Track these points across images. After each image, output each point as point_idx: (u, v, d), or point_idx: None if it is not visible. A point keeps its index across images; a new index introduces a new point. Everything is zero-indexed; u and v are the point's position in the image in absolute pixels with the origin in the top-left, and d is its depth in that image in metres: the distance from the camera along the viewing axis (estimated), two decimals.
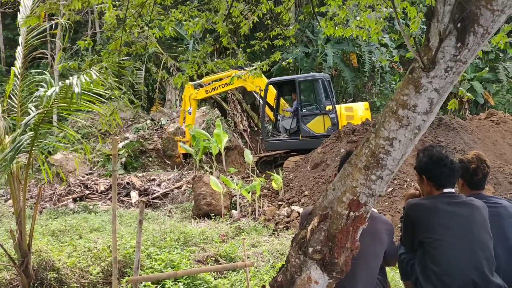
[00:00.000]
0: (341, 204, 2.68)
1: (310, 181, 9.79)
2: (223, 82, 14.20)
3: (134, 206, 11.33)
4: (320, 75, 13.84)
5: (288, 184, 10.19)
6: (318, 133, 12.70)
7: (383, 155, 2.58)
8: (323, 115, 12.82)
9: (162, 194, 11.95)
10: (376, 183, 2.62)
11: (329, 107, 12.86)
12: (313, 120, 12.98)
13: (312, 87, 14.12)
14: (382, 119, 2.63)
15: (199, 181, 9.88)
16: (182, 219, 9.40)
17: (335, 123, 12.51)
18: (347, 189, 2.66)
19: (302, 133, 12.95)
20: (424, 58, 2.53)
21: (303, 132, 12.93)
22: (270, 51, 11.19)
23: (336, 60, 19.98)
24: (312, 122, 12.99)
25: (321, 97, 13.17)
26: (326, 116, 12.77)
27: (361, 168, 2.62)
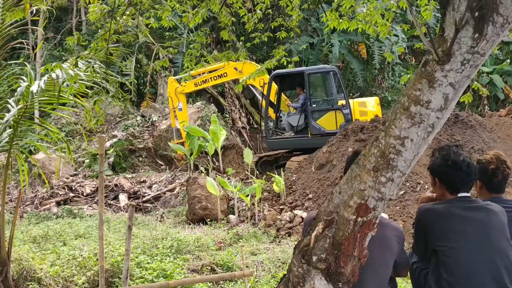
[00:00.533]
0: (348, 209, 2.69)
1: (314, 183, 9.79)
2: (215, 74, 14.11)
3: (123, 210, 11.33)
4: (331, 67, 13.86)
5: (290, 186, 10.20)
6: (330, 130, 12.68)
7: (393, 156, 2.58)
8: (335, 110, 12.82)
9: (153, 197, 11.95)
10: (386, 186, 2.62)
11: (341, 102, 12.87)
12: (323, 116, 12.99)
13: (323, 81, 14.11)
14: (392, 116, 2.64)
15: (193, 183, 9.88)
16: (175, 225, 9.41)
17: (349, 119, 12.52)
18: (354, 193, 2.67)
19: (312, 130, 12.95)
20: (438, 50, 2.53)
21: (313, 129, 12.93)
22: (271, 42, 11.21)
23: (343, 51, 19.99)
24: (323, 118, 12.99)
25: (333, 91, 13.18)
26: (339, 112, 12.77)
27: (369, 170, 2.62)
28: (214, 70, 14.05)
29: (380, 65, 20.13)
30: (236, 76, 14.22)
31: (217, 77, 14.24)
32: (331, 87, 13.19)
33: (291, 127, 13.79)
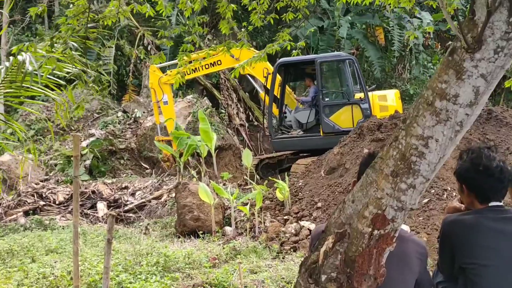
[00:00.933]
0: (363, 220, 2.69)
1: (324, 190, 9.80)
2: (207, 62, 13.99)
3: (102, 221, 11.34)
4: (347, 55, 13.85)
5: (296, 193, 10.21)
6: (345, 127, 12.65)
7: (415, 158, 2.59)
8: (351, 105, 12.81)
9: (136, 206, 11.97)
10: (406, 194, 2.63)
11: (359, 95, 12.88)
12: (338, 112, 12.99)
13: (337, 70, 14.11)
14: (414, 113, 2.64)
15: (183, 189, 9.89)
16: (162, 238, 9.41)
17: (368, 115, 12.48)
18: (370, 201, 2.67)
19: (324, 128, 12.92)
20: (467, 36, 2.54)
21: (325, 127, 12.91)
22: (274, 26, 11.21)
23: (357, 36, 20.00)
24: (337, 114, 12.98)
25: (349, 83, 13.18)
26: (356, 107, 12.76)
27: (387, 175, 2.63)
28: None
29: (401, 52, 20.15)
30: (232, 64, 14.18)
31: (209, 65, 14.12)
32: (347, 77, 13.19)
33: (299, 125, 13.77)
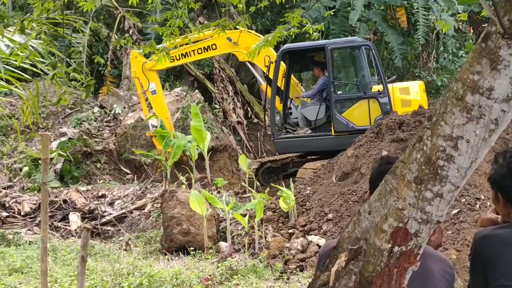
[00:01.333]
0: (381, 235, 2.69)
1: (336, 199, 9.81)
2: (200, 46, 13.89)
3: (75, 235, 11.35)
4: (363, 40, 13.85)
5: (303, 203, 10.22)
6: (361, 126, 12.65)
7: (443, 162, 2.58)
8: (368, 99, 12.81)
9: (115, 218, 11.97)
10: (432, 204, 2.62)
11: (377, 88, 12.88)
12: (352, 107, 13.00)
13: (351, 58, 14.11)
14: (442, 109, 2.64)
15: (171, 198, 9.89)
16: (146, 255, 9.41)
17: (388, 110, 12.46)
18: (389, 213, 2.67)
19: (336, 126, 12.93)
20: (504, 19, 2.54)
21: (337, 125, 12.91)
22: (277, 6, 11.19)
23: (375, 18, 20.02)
24: (351, 109, 12.99)
25: (366, 73, 13.18)
26: (373, 101, 12.76)
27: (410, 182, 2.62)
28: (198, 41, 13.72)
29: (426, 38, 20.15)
30: (229, 49, 14.14)
31: (202, 49, 14.01)
32: (363, 67, 13.19)
33: (307, 122, 13.78)
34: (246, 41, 13.49)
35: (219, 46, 13.98)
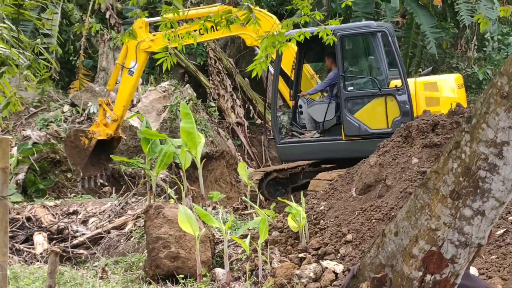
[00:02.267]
0: (410, 261, 2.69)
1: (356, 217, 9.80)
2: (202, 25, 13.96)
3: (41, 260, 11.35)
4: (380, 25, 13.83)
5: (317, 221, 10.21)
6: (376, 129, 12.71)
7: (485, 173, 2.58)
8: (384, 96, 12.83)
9: (90, 239, 11.96)
10: (472, 223, 2.62)
11: (395, 83, 12.89)
12: (366, 106, 13.02)
13: (365, 47, 14.10)
14: (483, 109, 2.64)
15: (156, 215, 9.88)
16: (126, 284, 9.39)
17: (407, 111, 12.51)
18: (420, 234, 2.67)
19: (346, 128, 12.95)
20: None
21: (348, 128, 12.93)
22: None
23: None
24: (365, 109, 13.01)
25: (382, 65, 13.19)
26: (391, 99, 12.77)
27: (445, 196, 2.62)
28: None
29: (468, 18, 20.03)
30: (236, 30, 14.11)
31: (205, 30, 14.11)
32: (380, 58, 13.17)
33: (315, 124, 13.79)
34: None
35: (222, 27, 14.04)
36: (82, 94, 18.32)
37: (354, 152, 12.26)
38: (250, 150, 19.34)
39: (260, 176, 13.95)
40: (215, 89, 19.58)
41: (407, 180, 9.69)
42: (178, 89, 17.96)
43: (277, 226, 10.44)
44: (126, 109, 15.40)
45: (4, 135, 15.60)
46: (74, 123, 17.35)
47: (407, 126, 11.02)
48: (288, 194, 13.34)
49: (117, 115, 14.92)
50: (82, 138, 15.14)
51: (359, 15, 19.38)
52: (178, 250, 9.54)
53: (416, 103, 12.67)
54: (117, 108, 15.05)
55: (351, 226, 9.64)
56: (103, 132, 15.11)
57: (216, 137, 17.19)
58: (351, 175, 11.19)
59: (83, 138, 15.12)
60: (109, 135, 15.14)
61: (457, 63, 21.13)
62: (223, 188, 16.31)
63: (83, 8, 20.30)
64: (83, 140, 15.11)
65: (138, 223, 11.94)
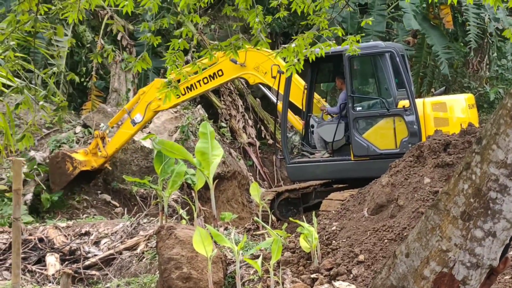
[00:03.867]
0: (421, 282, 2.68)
1: (368, 237, 9.77)
2: (205, 74, 14.25)
3: (53, 281, 11.35)
4: (388, 45, 13.84)
5: (329, 241, 10.18)
6: (384, 149, 12.74)
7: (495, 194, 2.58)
8: (392, 117, 12.85)
9: (102, 260, 11.96)
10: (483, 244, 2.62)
11: (403, 103, 12.89)
12: (374, 126, 13.04)
13: (374, 67, 14.12)
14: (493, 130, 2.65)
15: (168, 236, 9.88)
16: None
17: (415, 131, 12.52)
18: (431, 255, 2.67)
19: (355, 149, 12.96)
20: None
21: (357, 148, 12.93)
22: None
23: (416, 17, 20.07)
24: (373, 129, 13.02)
25: (390, 85, 13.19)
26: (399, 119, 12.78)
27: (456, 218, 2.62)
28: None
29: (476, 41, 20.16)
30: (237, 72, 14.34)
31: (208, 78, 14.47)
32: (388, 78, 13.17)
33: (324, 144, 13.80)
34: (254, 60, 13.76)
35: (225, 71, 14.29)
36: (94, 115, 18.38)
37: (363, 172, 12.32)
38: (262, 170, 19.32)
39: (271, 196, 13.93)
40: (226, 110, 19.61)
41: (419, 200, 9.67)
42: (190, 109, 18.02)
43: (289, 246, 10.42)
44: (117, 151, 15.91)
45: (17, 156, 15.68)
46: (86, 144, 17.40)
47: (419, 146, 11.00)
48: (300, 214, 13.32)
49: (108, 153, 15.47)
50: (67, 163, 15.62)
51: (370, 33, 19.40)
52: (190, 271, 9.53)
53: (424, 124, 12.66)
54: (110, 147, 15.53)
55: (363, 246, 9.61)
56: (89, 163, 15.62)
57: (227, 157, 17.20)
58: (363, 195, 11.17)
59: (69, 163, 15.60)
60: (93, 167, 15.69)
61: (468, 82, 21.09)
62: (235, 208, 16.30)
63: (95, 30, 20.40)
64: (68, 165, 15.61)
65: (150, 244, 11.95)
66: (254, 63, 13.75)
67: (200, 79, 14.30)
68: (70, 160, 15.55)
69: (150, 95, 14.95)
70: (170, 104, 14.59)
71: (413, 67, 20.02)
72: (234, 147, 18.92)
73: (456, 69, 21.25)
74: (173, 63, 6.12)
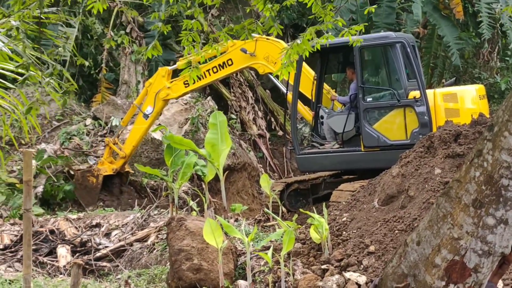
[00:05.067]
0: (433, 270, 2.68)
1: (379, 228, 9.75)
2: (214, 64, 14.24)
3: (64, 272, 11.38)
4: (399, 36, 13.79)
5: (339, 232, 10.17)
6: (395, 140, 12.72)
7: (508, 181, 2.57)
8: (403, 108, 12.81)
9: (112, 252, 11.99)
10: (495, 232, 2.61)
11: (414, 94, 12.85)
12: (385, 117, 13.01)
13: (384, 58, 14.08)
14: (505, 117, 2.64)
15: (179, 227, 9.90)
16: None
17: (425, 122, 12.49)
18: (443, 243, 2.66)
19: (366, 140, 12.94)
20: None
21: (367, 139, 12.91)
22: None
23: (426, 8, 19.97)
24: (384, 120, 13.00)
25: (401, 76, 13.14)
26: (410, 110, 12.75)
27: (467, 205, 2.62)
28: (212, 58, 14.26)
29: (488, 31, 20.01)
30: (247, 62, 14.30)
31: (218, 67, 14.40)
32: (398, 69, 13.13)
33: (334, 134, 13.79)
34: (264, 50, 13.69)
35: (235, 60, 14.19)
36: (104, 107, 18.38)
37: (373, 163, 12.31)
38: (272, 161, 19.31)
39: (281, 187, 13.95)
40: (236, 101, 19.59)
41: (429, 190, 9.64)
42: (200, 101, 17.99)
43: (299, 237, 10.42)
44: (135, 149, 15.84)
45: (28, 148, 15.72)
46: (97, 136, 17.43)
47: (429, 137, 10.97)
48: (309, 205, 13.33)
49: (126, 153, 15.43)
50: (89, 178, 15.73)
51: (380, 25, 19.32)
52: (200, 262, 9.54)
53: (435, 115, 12.62)
54: (127, 146, 15.48)
55: (374, 237, 9.60)
56: (109, 168, 15.67)
57: (238, 149, 17.19)
58: (373, 186, 11.15)
59: (91, 177, 15.71)
60: (114, 170, 15.72)
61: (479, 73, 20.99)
62: (245, 200, 16.30)
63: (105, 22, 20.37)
64: (91, 179, 15.70)
65: (160, 235, 11.96)
66: (264, 53, 13.71)
67: (210, 68, 14.30)
68: (90, 173, 15.71)
69: (157, 85, 14.92)
70: (179, 92, 14.77)
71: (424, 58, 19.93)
72: (244, 138, 18.90)
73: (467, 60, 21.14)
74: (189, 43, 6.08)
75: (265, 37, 13.25)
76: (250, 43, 13.26)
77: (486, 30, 19.33)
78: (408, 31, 18.76)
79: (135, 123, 15.42)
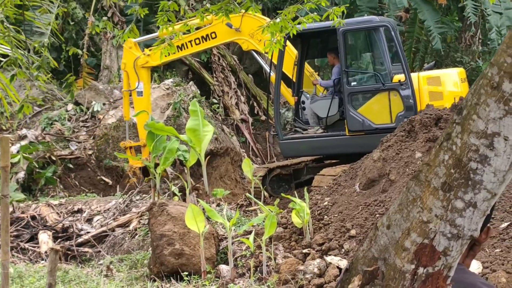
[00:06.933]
0: (402, 254, 2.69)
1: (360, 212, 9.81)
2: (197, 35, 14.10)
3: (45, 258, 11.37)
4: (383, 19, 13.81)
5: (320, 217, 10.23)
6: (379, 124, 12.75)
7: (476, 165, 2.58)
8: (388, 91, 12.84)
9: (94, 237, 11.99)
10: (464, 215, 2.62)
11: (399, 77, 12.89)
12: (369, 101, 13.04)
13: (368, 42, 14.10)
14: (474, 100, 2.64)
15: (160, 213, 9.91)
16: (131, 282, 9.42)
17: (410, 105, 12.53)
18: (412, 226, 2.67)
19: (350, 124, 12.96)
20: None
21: (352, 123, 12.94)
22: None
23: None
24: (368, 104, 13.03)
25: (385, 60, 13.18)
26: (395, 93, 12.78)
27: (437, 189, 2.62)
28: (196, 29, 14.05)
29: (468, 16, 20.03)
30: (231, 36, 14.22)
31: (200, 39, 14.27)
32: (382, 52, 13.17)
33: (318, 119, 13.80)
34: (250, 27, 13.59)
35: (219, 34, 14.08)
36: (86, 92, 18.30)
37: (357, 147, 12.32)
38: (255, 146, 19.32)
39: (263, 172, 13.97)
40: (219, 86, 19.57)
41: (410, 174, 9.69)
42: (182, 86, 17.94)
43: (281, 222, 10.46)
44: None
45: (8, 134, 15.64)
46: (78, 121, 17.36)
47: (410, 121, 11.02)
48: (291, 190, 13.36)
49: (144, 139, 14.49)
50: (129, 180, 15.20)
51: (363, 9, 19.33)
52: (182, 247, 9.56)
53: (419, 98, 12.66)
54: (141, 133, 14.83)
55: (355, 221, 9.66)
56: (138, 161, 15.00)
57: (220, 134, 17.18)
58: (354, 170, 11.20)
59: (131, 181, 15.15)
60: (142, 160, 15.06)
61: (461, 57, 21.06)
62: (228, 185, 16.31)
63: (86, 7, 20.26)
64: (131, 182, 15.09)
65: (142, 220, 11.98)
66: (250, 29, 13.63)
67: (192, 39, 14.14)
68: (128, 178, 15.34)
69: (130, 58, 14.76)
70: (159, 61, 14.35)
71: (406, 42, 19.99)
72: (226, 123, 18.89)
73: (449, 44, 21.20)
74: (164, 23, 6.06)
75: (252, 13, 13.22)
76: (236, 18, 13.21)
77: (472, 14, 19.37)
78: (391, 15, 18.78)
79: (136, 107, 15.06)
